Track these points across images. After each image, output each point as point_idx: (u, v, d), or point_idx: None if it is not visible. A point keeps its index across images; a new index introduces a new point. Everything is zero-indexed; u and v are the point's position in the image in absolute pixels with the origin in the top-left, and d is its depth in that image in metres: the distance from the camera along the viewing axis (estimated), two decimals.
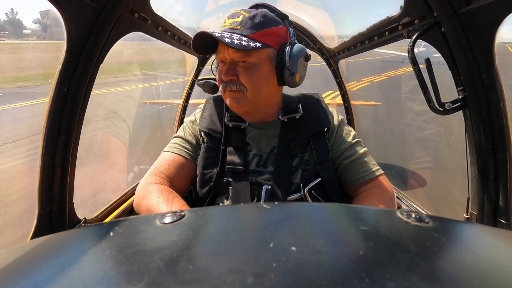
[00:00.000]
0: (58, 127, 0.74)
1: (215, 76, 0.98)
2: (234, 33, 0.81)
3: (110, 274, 0.23)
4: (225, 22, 0.85)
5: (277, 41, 0.85)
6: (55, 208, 0.79)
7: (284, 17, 0.89)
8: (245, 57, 0.82)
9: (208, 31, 0.79)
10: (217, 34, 0.78)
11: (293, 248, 0.24)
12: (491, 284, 0.22)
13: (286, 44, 0.86)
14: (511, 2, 0.56)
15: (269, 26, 0.83)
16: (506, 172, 0.68)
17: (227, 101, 0.89)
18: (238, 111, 0.92)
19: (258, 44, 0.80)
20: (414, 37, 0.75)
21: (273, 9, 0.89)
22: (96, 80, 0.81)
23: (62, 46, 0.71)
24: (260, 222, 0.31)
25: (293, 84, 0.89)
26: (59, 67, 0.71)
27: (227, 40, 0.77)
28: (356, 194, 0.91)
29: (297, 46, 0.86)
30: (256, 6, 0.90)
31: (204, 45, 0.85)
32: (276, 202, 0.34)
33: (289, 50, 0.85)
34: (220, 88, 0.88)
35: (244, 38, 0.79)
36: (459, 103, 0.73)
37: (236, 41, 0.78)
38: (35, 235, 0.76)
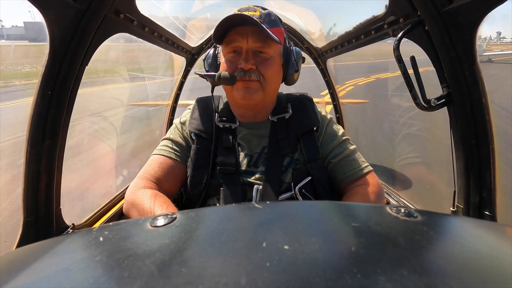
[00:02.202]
0: (42, 132, 0.72)
1: (207, 71, 0.95)
2: None
3: (100, 280, 0.23)
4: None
5: (282, 40, 0.89)
6: (41, 215, 0.76)
7: (280, 19, 0.92)
8: (265, 47, 0.84)
9: (243, 13, 0.80)
10: (255, 19, 0.79)
11: (286, 247, 0.24)
12: (478, 275, 0.22)
13: (290, 44, 0.92)
14: (490, 1, 0.58)
15: (278, 25, 0.88)
16: (490, 165, 0.71)
17: (238, 93, 0.87)
18: (247, 104, 0.91)
19: (276, 38, 0.83)
20: (399, 35, 0.76)
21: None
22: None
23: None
24: (252, 222, 0.31)
25: (292, 82, 0.94)
26: (42, 70, 0.69)
27: (265, 27, 0.79)
28: (346, 192, 0.92)
29: (296, 47, 0.93)
30: (255, 6, 0.91)
31: (220, 32, 0.84)
32: (268, 202, 0.34)
33: (294, 49, 0.91)
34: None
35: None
36: (443, 100, 0.75)
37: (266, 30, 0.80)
38: (21, 243, 0.74)
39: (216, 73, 0.85)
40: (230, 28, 0.83)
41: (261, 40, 0.83)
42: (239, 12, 0.83)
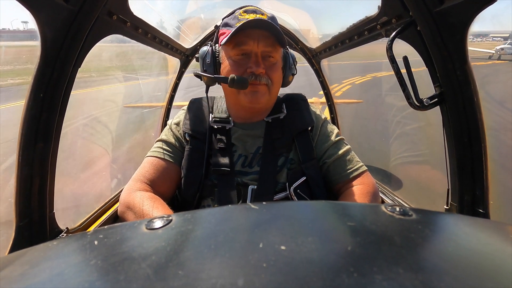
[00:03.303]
0: (35, 135, 0.71)
1: (205, 70, 0.92)
2: None
3: (96, 284, 0.23)
4: (242, 15, 0.83)
5: None
6: (34, 219, 0.75)
7: None
8: (273, 52, 0.86)
9: (261, 18, 0.81)
10: (277, 26, 0.81)
11: (283, 247, 0.24)
12: (472, 271, 0.23)
13: (286, 48, 0.94)
14: (481, 2, 0.59)
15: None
16: (482, 163, 0.72)
17: (246, 97, 0.86)
18: (253, 108, 0.91)
19: (285, 44, 0.85)
20: (391, 36, 0.77)
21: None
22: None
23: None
24: (248, 223, 0.30)
25: (287, 84, 0.96)
26: (34, 72, 0.68)
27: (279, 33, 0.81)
28: (341, 192, 0.92)
29: (291, 50, 0.95)
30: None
31: (233, 34, 0.83)
32: (264, 202, 0.34)
33: (290, 53, 0.93)
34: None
35: None
36: (436, 99, 0.76)
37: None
38: (14, 248, 0.73)
39: (228, 77, 0.83)
40: (239, 30, 0.82)
41: (271, 45, 0.84)
42: (246, 15, 0.84)
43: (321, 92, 1.94)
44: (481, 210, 0.74)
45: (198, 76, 0.94)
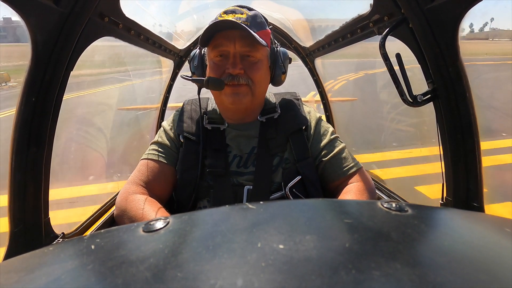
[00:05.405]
0: (27, 140, 0.70)
1: (193, 73, 0.95)
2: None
3: None
4: (222, 17, 0.83)
5: (269, 42, 0.88)
6: (29, 225, 0.74)
7: (266, 20, 0.92)
8: (253, 51, 0.84)
9: (230, 19, 0.79)
10: (242, 25, 0.78)
11: (281, 246, 0.24)
12: (467, 264, 0.23)
13: (276, 45, 0.92)
14: None
15: (265, 27, 0.87)
16: (475, 158, 0.73)
17: (227, 98, 0.86)
18: (236, 109, 0.90)
19: (264, 42, 0.82)
20: (384, 33, 0.77)
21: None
22: None
23: None
24: (246, 223, 0.30)
25: (279, 83, 0.94)
26: (25, 75, 0.67)
27: (253, 32, 0.79)
28: (338, 190, 0.93)
29: (283, 49, 0.94)
30: (240, 7, 0.90)
31: (206, 37, 0.83)
32: (261, 202, 0.34)
33: (281, 51, 0.91)
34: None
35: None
36: (429, 95, 0.77)
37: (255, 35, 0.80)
38: (9, 255, 0.72)
39: (204, 78, 0.84)
40: (217, 32, 0.82)
41: (249, 45, 0.82)
42: (225, 15, 0.82)
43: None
44: (475, 204, 0.75)
45: (183, 78, 0.96)
